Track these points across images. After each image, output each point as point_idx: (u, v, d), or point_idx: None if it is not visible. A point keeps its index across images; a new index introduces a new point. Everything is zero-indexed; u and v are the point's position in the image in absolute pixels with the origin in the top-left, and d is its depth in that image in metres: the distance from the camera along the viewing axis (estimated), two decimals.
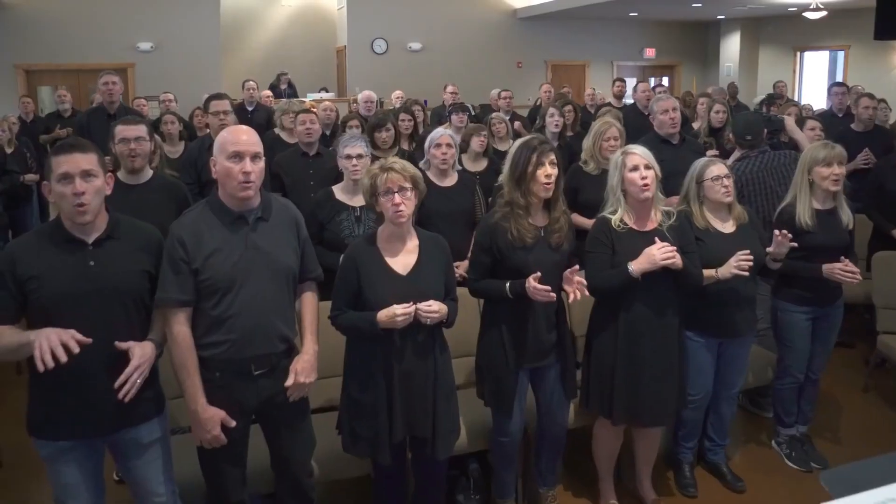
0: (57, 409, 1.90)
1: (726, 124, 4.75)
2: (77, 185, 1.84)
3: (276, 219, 2.10)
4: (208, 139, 3.93)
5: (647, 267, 2.37)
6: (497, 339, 2.44)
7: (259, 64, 11.81)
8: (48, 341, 1.71)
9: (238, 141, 1.98)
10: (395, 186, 2.14)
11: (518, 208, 2.36)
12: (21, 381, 4.06)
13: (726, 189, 2.64)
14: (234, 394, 2.03)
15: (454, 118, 5.16)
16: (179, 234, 1.99)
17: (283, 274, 2.08)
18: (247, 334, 2.00)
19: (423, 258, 2.24)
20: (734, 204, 2.73)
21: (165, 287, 1.97)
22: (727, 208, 2.72)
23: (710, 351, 2.74)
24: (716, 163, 2.71)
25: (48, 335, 1.73)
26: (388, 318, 2.08)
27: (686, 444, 2.95)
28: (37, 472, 3.01)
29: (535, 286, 2.23)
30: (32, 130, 6.75)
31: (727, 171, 2.66)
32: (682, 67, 13.45)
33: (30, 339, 1.75)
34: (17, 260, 1.87)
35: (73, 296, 1.86)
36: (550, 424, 2.61)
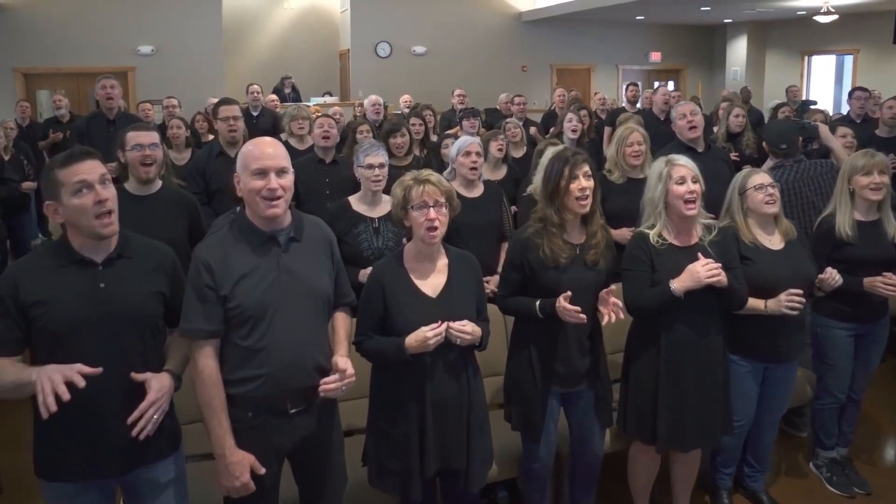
0: (65, 449, 1.73)
1: (745, 129, 4.62)
2: (99, 191, 1.69)
3: (309, 239, 1.93)
4: (216, 146, 3.79)
5: (691, 285, 2.23)
6: (526, 360, 2.31)
7: (261, 67, 11.67)
8: (50, 381, 1.55)
9: (262, 155, 1.82)
10: (431, 200, 1.99)
11: (552, 226, 2.22)
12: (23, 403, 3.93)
13: (770, 198, 2.49)
14: (268, 435, 1.85)
15: (465, 123, 5.02)
16: (205, 257, 1.82)
17: (319, 300, 1.91)
18: (282, 367, 1.82)
19: (454, 278, 2.09)
20: (781, 217, 2.58)
21: (190, 317, 1.80)
22: (773, 222, 2.57)
23: (755, 376, 2.59)
24: (759, 172, 2.57)
25: (50, 374, 1.56)
26: (419, 342, 1.93)
27: (724, 469, 2.80)
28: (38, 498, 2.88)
29: (564, 306, 2.09)
30: (30, 135, 6.59)
31: (771, 181, 2.51)
32: (688, 71, 13.35)
33: (31, 379, 1.59)
34: (21, 284, 1.70)
35: (82, 322, 1.70)
36: (583, 453, 2.47)
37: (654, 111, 5.85)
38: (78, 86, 9.89)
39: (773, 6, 9.84)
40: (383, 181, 2.92)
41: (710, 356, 2.37)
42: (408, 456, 2.03)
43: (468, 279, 2.12)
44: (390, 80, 10.37)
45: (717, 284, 2.23)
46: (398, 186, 2.06)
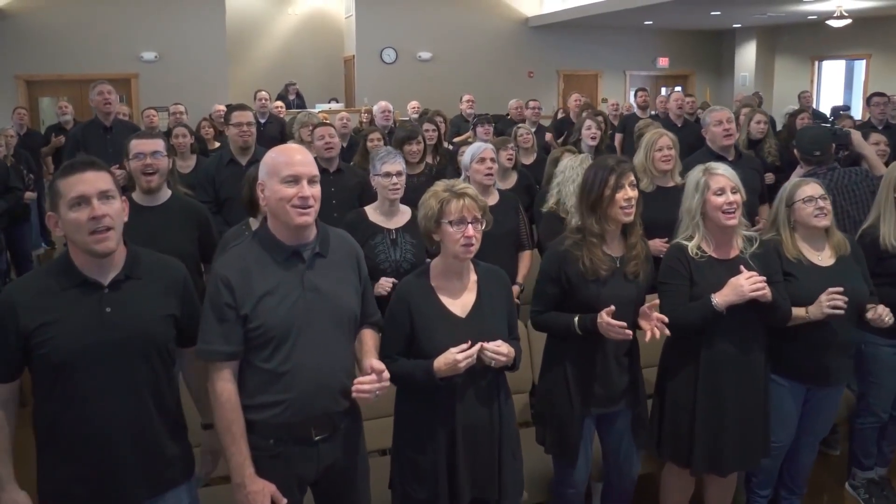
0: (72, 482, 1.62)
1: (767, 136, 4.50)
2: (96, 207, 1.56)
3: (335, 254, 1.81)
4: (226, 153, 3.68)
5: (734, 299, 2.10)
6: (561, 379, 2.18)
7: (266, 74, 11.59)
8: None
9: (293, 162, 1.70)
10: (470, 216, 1.86)
11: (592, 237, 2.10)
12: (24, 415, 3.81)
13: (821, 211, 2.35)
14: (290, 464, 1.74)
15: (480, 130, 4.91)
16: (224, 274, 1.69)
17: (345, 319, 1.79)
18: (307, 392, 1.70)
19: (484, 296, 1.97)
20: (833, 231, 2.43)
21: (208, 338, 1.68)
22: (824, 236, 2.43)
23: (795, 397, 2.46)
24: (808, 182, 2.42)
25: None
26: (448, 365, 1.80)
27: (760, 492, 2.67)
28: None
29: (608, 321, 1.97)
30: (28, 143, 6.46)
31: (822, 192, 2.38)
32: (696, 77, 13.25)
33: None
34: (19, 308, 1.57)
35: (87, 351, 1.58)
36: (618, 477, 2.34)
37: (669, 117, 5.73)
38: (81, 93, 9.74)
39: (783, 11, 9.74)
40: (401, 189, 2.80)
41: (752, 375, 2.24)
42: (436, 485, 1.90)
43: (499, 296, 1.99)
44: (396, 86, 10.27)
45: (761, 299, 2.10)
46: (432, 198, 1.92)
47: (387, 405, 2.18)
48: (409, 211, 2.88)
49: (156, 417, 1.68)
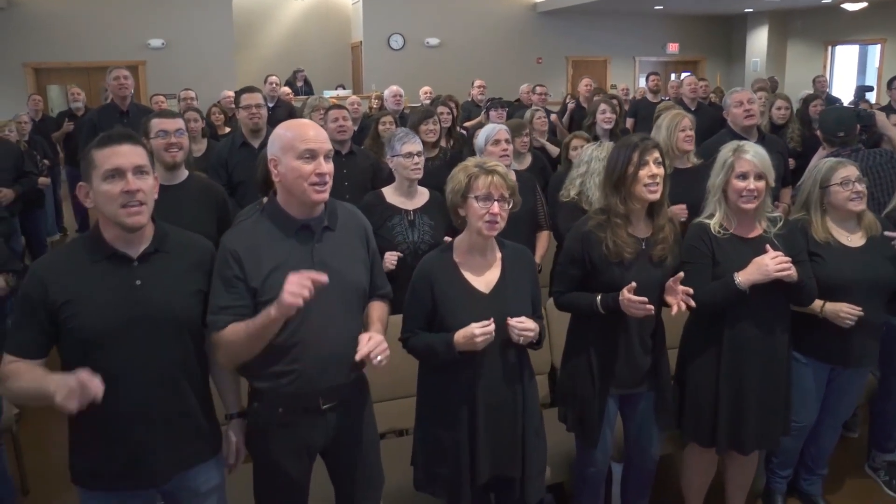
0: (103, 458, 1.62)
1: (789, 121, 4.43)
2: (130, 181, 1.54)
3: (344, 228, 1.80)
4: (238, 136, 3.66)
5: (758, 278, 2.07)
6: (584, 360, 2.16)
7: (273, 60, 11.53)
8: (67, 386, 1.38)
9: (307, 137, 1.67)
10: (497, 193, 1.84)
11: (616, 217, 2.07)
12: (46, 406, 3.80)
13: (857, 195, 2.31)
14: (299, 432, 1.75)
15: (493, 114, 4.88)
16: (233, 247, 1.68)
17: (354, 293, 1.79)
18: (316, 364, 1.71)
19: (508, 274, 1.95)
20: (865, 212, 2.39)
21: (218, 308, 1.66)
22: (856, 217, 2.39)
23: (818, 377, 2.44)
24: (845, 164, 2.37)
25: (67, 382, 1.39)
26: (466, 339, 1.79)
27: (781, 472, 2.66)
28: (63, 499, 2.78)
29: (629, 297, 1.94)
30: (42, 129, 6.48)
31: (859, 174, 2.33)
32: (706, 63, 13.13)
33: (50, 392, 1.40)
34: (48, 282, 1.55)
35: (118, 323, 1.56)
36: (640, 458, 2.33)
37: (683, 101, 5.66)
38: (88, 80, 9.79)
39: None
40: (421, 170, 2.78)
41: (775, 355, 2.22)
42: (458, 462, 1.90)
43: (523, 275, 1.97)
44: (404, 73, 10.20)
45: (786, 279, 2.07)
46: (461, 172, 1.90)
47: (406, 386, 2.18)
48: (426, 192, 2.86)
49: (187, 393, 1.67)
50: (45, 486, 2.90)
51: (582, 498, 2.37)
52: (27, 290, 1.57)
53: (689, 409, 2.29)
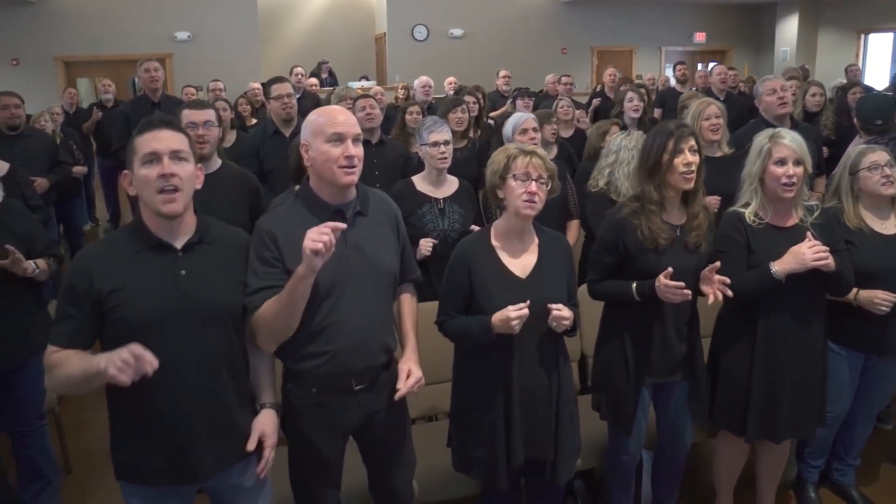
0: (145, 453, 1.62)
1: (824, 109, 4.35)
2: (165, 165, 1.55)
3: (375, 214, 1.84)
4: (270, 125, 3.70)
5: (795, 267, 2.05)
6: (618, 349, 2.17)
7: (298, 52, 11.60)
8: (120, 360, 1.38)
9: (336, 122, 1.71)
10: (535, 173, 1.86)
11: (650, 204, 2.06)
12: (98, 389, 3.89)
13: (887, 179, 2.28)
14: (332, 412, 1.79)
15: (519, 103, 4.87)
16: (270, 229, 1.72)
17: (385, 277, 1.83)
18: (348, 346, 1.74)
19: (545, 259, 1.96)
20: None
21: (255, 288, 1.69)
22: (889, 204, 2.36)
23: (852, 366, 2.42)
24: (875, 150, 2.34)
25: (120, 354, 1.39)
26: (502, 321, 1.80)
27: (813, 462, 2.64)
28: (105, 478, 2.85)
29: (665, 283, 1.94)
30: (76, 122, 6.61)
31: (889, 159, 2.30)
32: (734, 53, 12.91)
33: (100, 368, 1.40)
34: (94, 272, 1.56)
35: (163, 312, 1.56)
36: (672, 446, 2.33)
37: (712, 90, 5.59)
38: (117, 73, 9.95)
39: None
40: (449, 158, 2.80)
41: (810, 345, 2.20)
42: (493, 445, 1.93)
43: (559, 261, 1.99)
44: (427, 64, 10.16)
45: (823, 269, 2.05)
46: (501, 153, 1.93)
47: (439, 373, 2.21)
48: (456, 181, 2.88)
49: (229, 387, 1.67)
50: (86, 466, 2.99)
51: (613, 485, 2.38)
52: (72, 281, 1.57)
53: (721, 398, 2.28)
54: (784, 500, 2.66)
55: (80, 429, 3.21)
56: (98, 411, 3.60)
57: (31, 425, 2.51)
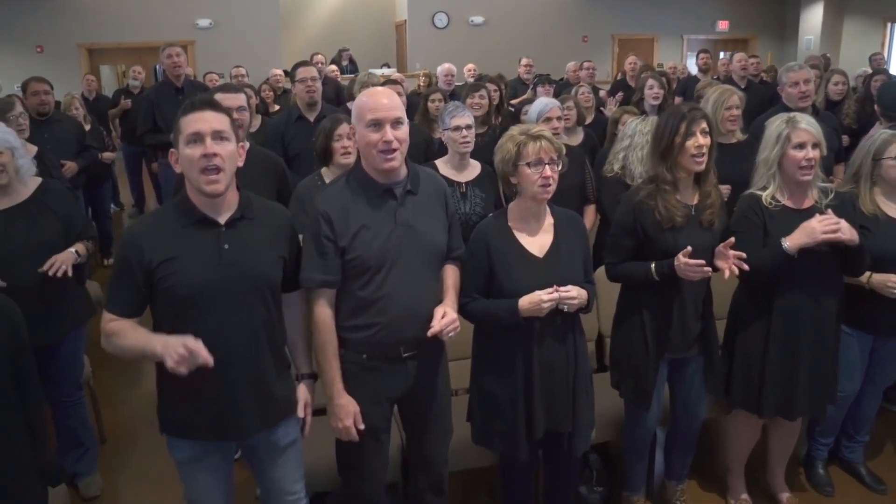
0: (193, 412, 1.72)
1: (846, 97, 4.33)
2: (208, 145, 1.61)
3: (425, 192, 1.90)
4: (294, 110, 3.77)
5: (806, 241, 2.09)
6: (637, 327, 2.22)
7: (318, 40, 11.68)
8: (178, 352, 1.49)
9: (377, 107, 1.76)
10: (547, 157, 1.91)
11: (665, 184, 2.12)
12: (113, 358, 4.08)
13: None
14: (380, 378, 1.88)
15: (540, 90, 4.91)
16: (325, 209, 1.80)
17: (434, 253, 1.90)
18: (397, 318, 1.83)
19: (560, 238, 2.02)
20: None
21: (309, 267, 1.80)
22: None
23: (862, 347, 2.47)
24: None
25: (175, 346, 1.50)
26: (532, 304, 1.87)
27: (823, 440, 2.71)
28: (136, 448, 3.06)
29: (686, 261, 1.99)
30: (96, 108, 6.71)
31: None
32: (757, 42, 12.74)
33: (156, 352, 1.53)
34: (144, 245, 1.64)
35: (207, 283, 1.65)
36: (687, 420, 2.40)
37: (733, 78, 5.57)
38: (139, 60, 10.05)
39: None
40: (471, 143, 2.86)
41: (825, 324, 2.25)
42: (514, 418, 2.00)
43: (575, 239, 2.05)
44: (448, 51, 10.16)
45: (836, 241, 2.09)
46: (509, 141, 1.98)
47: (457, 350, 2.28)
48: (478, 165, 2.93)
49: (268, 355, 1.76)
50: (119, 436, 3.14)
51: (630, 458, 2.45)
52: (124, 254, 1.66)
53: (737, 376, 2.34)
54: (794, 476, 2.72)
55: (111, 402, 3.34)
56: (128, 386, 3.74)
57: (71, 396, 2.63)
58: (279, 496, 1.92)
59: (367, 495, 1.98)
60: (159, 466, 2.82)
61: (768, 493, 2.61)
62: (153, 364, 1.71)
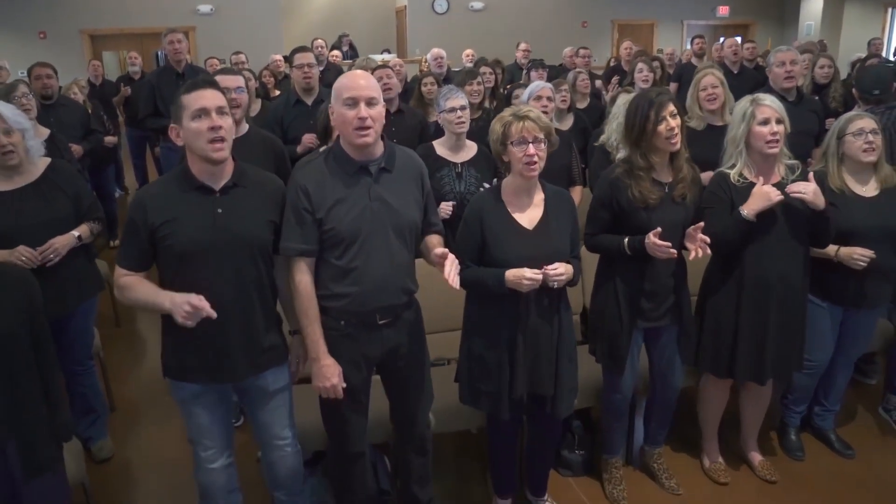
0: (192, 356, 1.93)
1: (832, 81, 4.41)
2: (214, 119, 1.80)
3: (401, 170, 2.03)
4: (292, 94, 3.87)
5: (761, 205, 2.23)
6: (612, 296, 2.36)
7: (319, 26, 11.75)
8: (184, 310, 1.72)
9: (354, 86, 1.88)
10: (531, 136, 2.03)
11: (638, 170, 2.24)
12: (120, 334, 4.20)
13: (869, 145, 2.42)
14: (358, 344, 2.02)
15: (534, 74, 4.99)
16: (303, 183, 1.93)
17: (407, 228, 2.02)
18: (371, 287, 1.96)
19: (550, 213, 2.15)
20: (881, 164, 2.51)
21: (289, 236, 1.94)
22: (871, 168, 2.51)
23: (832, 318, 2.60)
24: (863, 117, 2.48)
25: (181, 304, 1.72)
26: (516, 278, 2.00)
27: (795, 408, 2.85)
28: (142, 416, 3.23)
29: (654, 241, 2.12)
30: (102, 94, 6.82)
31: (875, 126, 2.44)
32: (757, 27, 12.77)
33: (164, 306, 1.78)
34: (149, 207, 1.85)
35: (203, 244, 1.84)
36: (663, 387, 2.54)
37: (725, 64, 5.64)
38: (141, 46, 10.16)
39: None
40: (466, 123, 2.97)
41: (792, 293, 2.38)
42: (499, 379, 2.14)
43: (563, 215, 2.17)
44: (448, 37, 10.27)
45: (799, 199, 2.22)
46: (497, 122, 2.10)
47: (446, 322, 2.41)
48: (475, 147, 3.05)
49: (258, 308, 1.95)
50: (127, 406, 3.31)
51: (607, 422, 2.59)
52: (132, 215, 1.86)
53: (706, 342, 2.48)
54: (767, 442, 2.87)
55: (119, 377, 3.50)
56: (134, 363, 3.89)
57: (83, 365, 2.80)
58: (270, 441, 2.10)
59: (348, 448, 2.14)
60: (165, 433, 3.02)
61: (742, 457, 2.76)
62: (158, 342, 1.98)
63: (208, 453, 2.03)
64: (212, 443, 2.02)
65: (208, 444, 2.02)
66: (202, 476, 2.06)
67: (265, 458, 2.16)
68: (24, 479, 1.77)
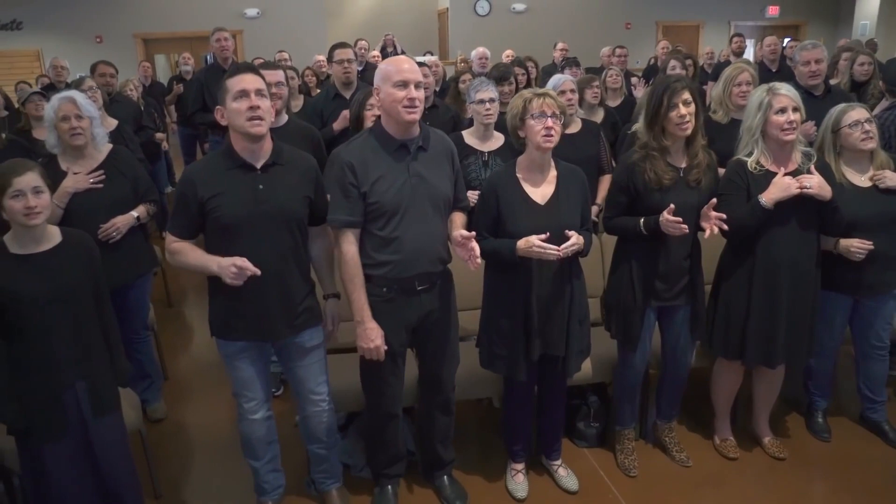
0: (236, 316, 2.15)
1: (872, 77, 4.37)
2: (253, 99, 1.99)
3: (434, 149, 2.21)
4: (332, 88, 4.07)
5: (780, 195, 2.31)
6: (626, 275, 2.47)
7: (361, 28, 11.98)
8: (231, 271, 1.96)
9: (402, 69, 2.07)
10: (550, 111, 2.18)
11: (653, 150, 2.35)
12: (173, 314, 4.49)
13: (866, 135, 2.48)
14: (398, 308, 2.20)
15: (567, 73, 5.05)
16: (349, 160, 2.12)
17: (441, 200, 2.21)
18: (411, 255, 2.14)
19: (562, 188, 2.29)
20: (877, 152, 2.57)
21: (336, 209, 2.13)
22: (869, 158, 2.56)
23: (841, 306, 2.67)
24: (855, 107, 2.54)
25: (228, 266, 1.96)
26: (526, 247, 2.15)
27: (818, 393, 2.91)
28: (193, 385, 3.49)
29: (667, 218, 2.23)
30: (151, 93, 7.18)
31: (868, 116, 2.50)
32: (808, 27, 12.44)
33: (212, 269, 2.02)
34: (198, 182, 2.06)
35: (246, 215, 2.05)
36: (674, 365, 2.64)
37: (764, 62, 5.63)
38: (190, 49, 10.53)
39: None
40: (495, 115, 3.12)
41: (803, 280, 2.45)
42: (514, 343, 2.31)
43: (575, 190, 2.31)
44: (489, 39, 10.28)
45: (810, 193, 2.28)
46: (518, 98, 2.26)
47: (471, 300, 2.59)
48: (502, 137, 3.20)
49: (295, 274, 2.17)
50: (179, 377, 3.59)
51: (619, 395, 2.71)
52: (182, 190, 2.09)
53: (719, 327, 2.56)
54: (786, 423, 2.95)
55: (172, 352, 3.80)
56: (185, 339, 4.16)
57: (139, 334, 3.08)
58: (307, 396, 2.32)
59: (385, 408, 2.34)
60: (213, 399, 3.29)
61: (753, 436, 2.84)
62: (206, 321, 2.22)
63: (251, 405, 2.25)
64: (253, 395, 2.24)
65: (250, 395, 2.24)
66: (245, 426, 2.29)
67: (302, 413, 2.37)
68: (91, 415, 2.03)
